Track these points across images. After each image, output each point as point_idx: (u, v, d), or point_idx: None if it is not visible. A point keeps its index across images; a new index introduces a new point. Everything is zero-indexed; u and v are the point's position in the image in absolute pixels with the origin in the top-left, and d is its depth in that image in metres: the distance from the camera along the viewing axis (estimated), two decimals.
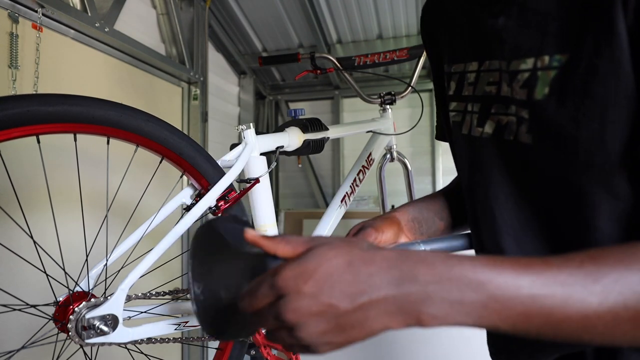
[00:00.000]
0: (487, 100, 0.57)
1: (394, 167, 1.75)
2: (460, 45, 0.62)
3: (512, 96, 0.52)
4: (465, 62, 0.61)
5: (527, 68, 0.49)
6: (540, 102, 0.48)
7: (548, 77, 0.47)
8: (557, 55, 0.47)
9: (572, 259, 0.38)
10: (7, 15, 1.18)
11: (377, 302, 0.37)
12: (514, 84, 0.51)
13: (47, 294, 0.78)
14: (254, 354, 1.12)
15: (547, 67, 0.47)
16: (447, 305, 0.37)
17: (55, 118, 0.72)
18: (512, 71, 0.52)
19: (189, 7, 2.01)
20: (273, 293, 0.39)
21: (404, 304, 0.37)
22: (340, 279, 0.38)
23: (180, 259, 1.92)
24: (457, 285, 0.37)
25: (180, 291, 0.93)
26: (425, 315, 0.37)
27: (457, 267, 0.38)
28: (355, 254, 0.39)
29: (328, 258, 0.39)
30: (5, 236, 0.86)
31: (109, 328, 0.78)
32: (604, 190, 0.46)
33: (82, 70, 1.45)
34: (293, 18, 2.27)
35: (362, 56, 1.58)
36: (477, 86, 0.58)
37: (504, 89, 0.54)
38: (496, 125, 0.55)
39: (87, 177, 1.22)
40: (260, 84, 2.86)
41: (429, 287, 0.37)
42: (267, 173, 1.11)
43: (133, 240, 0.89)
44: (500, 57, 0.54)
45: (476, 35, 0.58)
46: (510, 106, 0.53)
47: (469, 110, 0.61)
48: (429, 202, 0.73)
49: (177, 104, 2.00)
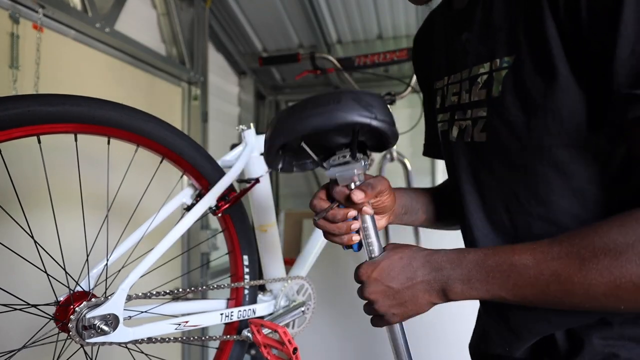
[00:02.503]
0: (452, 109, 0.67)
1: (394, 167, 1.75)
2: (440, 63, 0.73)
3: (470, 101, 0.62)
4: (441, 78, 0.72)
5: (484, 71, 0.59)
6: (496, 98, 0.57)
7: (500, 76, 0.56)
8: (506, 57, 0.55)
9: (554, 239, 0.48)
10: (7, 15, 1.18)
11: (418, 284, 0.56)
12: (474, 87, 0.61)
13: (48, 294, 0.78)
14: (254, 353, 1.13)
15: (499, 68, 0.56)
16: (461, 283, 0.53)
17: (55, 118, 0.73)
18: (472, 76, 0.61)
19: (189, 8, 2.01)
20: (358, 280, 0.60)
21: (434, 285, 0.55)
22: (395, 269, 0.57)
23: (180, 259, 1.92)
24: (467, 269, 0.53)
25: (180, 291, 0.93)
26: (449, 292, 0.54)
27: (467, 257, 0.54)
28: (406, 252, 0.59)
29: (389, 256, 0.59)
30: (6, 236, 0.87)
31: (109, 328, 0.78)
32: (554, 169, 0.54)
33: (82, 70, 1.46)
34: (293, 18, 2.27)
35: (362, 56, 1.58)
36: (447, 98, 0.69)
37: (462, 97, 0.64)
38: (458, 130, 0.65)
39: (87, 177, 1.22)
40: (260, 84, 2.86)
41: (449, 272, 0.54)
42: (267, 173, 1.11)
43: (133, 240, 0.89)
44: (464, 67, 0.64)
45: (450, 52, 0.69)
46: (467, 111, 0.63)
47: (447, 120, 0.70)
48: (419, 195, 0.82)
49: (178, 104, 2.00)
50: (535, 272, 0.48)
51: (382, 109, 0.53)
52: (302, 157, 0.63)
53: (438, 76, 0.74)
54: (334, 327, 2.05)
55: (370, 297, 0.58)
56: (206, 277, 2.05)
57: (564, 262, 0.46)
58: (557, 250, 0.47)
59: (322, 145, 0.60)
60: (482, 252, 0.53)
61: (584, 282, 0.45)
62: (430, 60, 0.79)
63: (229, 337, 1.03)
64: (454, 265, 0.54)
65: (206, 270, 2.05)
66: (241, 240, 1.08)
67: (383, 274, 0.57)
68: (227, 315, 0.99)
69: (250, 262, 1.09)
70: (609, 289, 0.44)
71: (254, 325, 0.97)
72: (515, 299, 0.50)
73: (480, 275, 0.52)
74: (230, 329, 1.07)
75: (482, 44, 0.60)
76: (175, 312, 0.95)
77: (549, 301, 0.49)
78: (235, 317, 1.01)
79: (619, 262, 0.43)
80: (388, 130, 0.53)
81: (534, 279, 0.48)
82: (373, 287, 0.58)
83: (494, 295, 0.51)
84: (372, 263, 0.59)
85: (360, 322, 2.00)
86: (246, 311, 1.04)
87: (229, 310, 0.99)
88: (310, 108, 0.52)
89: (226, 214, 1.04)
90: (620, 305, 0.45)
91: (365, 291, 0.59)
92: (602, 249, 0.44)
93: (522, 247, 0.50)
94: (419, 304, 0.57)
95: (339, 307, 2.04)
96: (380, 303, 0.58)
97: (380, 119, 0.52)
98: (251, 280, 1.08)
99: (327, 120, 0.51)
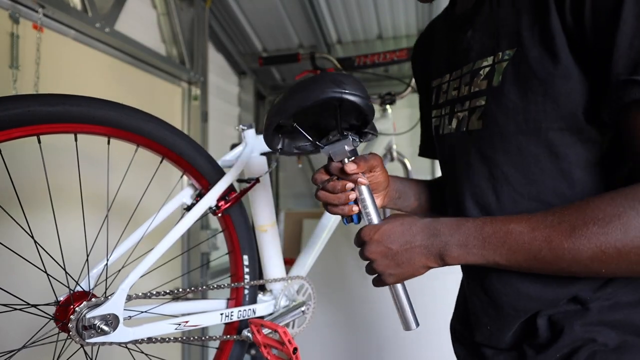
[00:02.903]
0: (452, 102, 0.71)
1: (394, 167, 1.75)
2: (440, 63, 0.77)
3: (469, 93, 0.66)
4: (441, 76, 0.76)
5: (487, 64, 0.63)
6: (496, 88, 0.61)
7: (501, 68, 0.60)
8: (507, 50, 0.60)
9: (550, 210, 0.53)
10: (7, 15, 1.18)
11: (416, 247, 0.60)
12: (475, 79, 0.64)
13: (48, 294, 0.78)
14: (254, 353, 1.13)
15: (501, 60, 0.61)
16: (458, 248, 0.58)
17: (55, 118, 0.73)
18: (475, 70, 0.65)
19: (189, 8, 2.01)
20: (360, 241, 0.65)
21: (431, 249, 0.60)
22: (395, 232, 0.62)
23: (180, 259, 1.92)
24: (464, 235, 0.57)
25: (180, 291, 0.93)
26: (446, 256, 0.59)
27: (465, 224, 0.58)
28: (406, 219, 0.63)
29: (390, 221, 0.63)
30: (6, 236, 0.87)
31: (109, 328, 0.78)
32: (547, 151, 0.58)
33: (82, 70, 1.46)
34: (293, 18, 2.27)
35: (362, 56, 1.58)
36: (448, 93, 0.73)
37: (462, 90, 0.68)
38: (457, 122, 0.69)
39: (87, 177, 1.22)
40: (260, 84, 2.86)
41: (447, 238, 0.59)
42: (267, 173, 1.11)
43: (133, 240, 0.89)
44: (467, 62, 0.68)
45: (451, 52, 0.73)
46: (465, 102, 0.67)
47: (443, 114, 0.74)
48: (413, 183, 0.89)
49: (178, 104, 2.00)
50: (529, 238, 0.52)
51: (354, 84, 0.60)
52: (300, 140, 0.71)
53: (437, 74, 0.78)
54: (334, 327, 2.05)
55: (370, 256, 0.63)
56: (206, 277, 2.05)
57: (556, 230, 0.51)
58: (550, 219, 0.52)
59: (318, 128, 0.68)
60: (479, 221, 0.57)
61: (572, 247, 0.49)
62: (429, 62, 0.83)
63: (229, 337, 1.03)
64: (452, 231, 0.58)
65: (206, 270, 2.05)
66: (241, 240, 1.08)
67: (384, 236, 0.62)
68: (227, 315, 0.99)
69: (250, 262, 1.09)
70: (595, 254, 0.49)
71: (254, 325, 0.97)
72: (508, 264, 0.55)
73: (477, 241, 0.56)
74: (230, 329, 1.07)
75: (486, 39, 0.64)
76: (175, 312, 0.95)
77: (538, 266, 0.53)
78: (235, 317, 1.01)
79: (606, 229, 0.48)
80: (361, 103, 0.60)
81: (528, 244, 0.52)
82: (374, 247, 0.63)
83: (488, 260, 0.56)
84: (375, 226, 0.64)
85: (361, 322, 2.00)
86: (246, 311, 1.04)
87: (229, 310, 0.99)
88: (295, 90, 0.62)
89: (226, 214, 1.04)
90: (602, 269, 0.50)
91: (366, 250, 0.63)
92: (592, 218, 0.49)
93: (518, 217, 0.55)
94: (415, 266, 0.61)
95: (339, 307, 2.04)
96: (378, 262, 0.63)
97: (352, 93, 0.59)
98: (251, 280, 1.08)
99: (307, 97, 0.60)
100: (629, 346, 0.56)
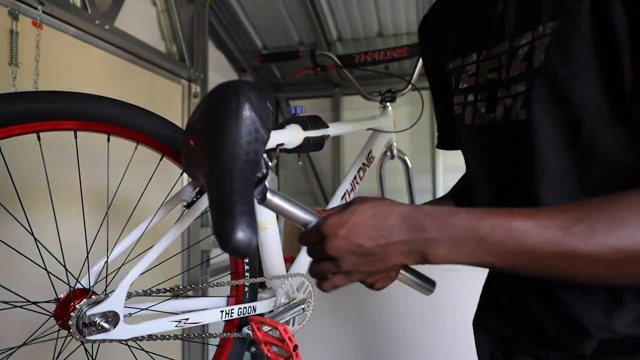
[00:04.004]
0: (492, 86, 0.60)
1: (394, 165, 1.75)
2: (462, 41, 0.66)
3: (508, 77, 0.56)
4: (463, 56, 0.66)
5: (526, 42, 0.53)
6: (538, 68, 0.51)
7: (543, 44, 0.51)
8: (549, 23, 0.50)
9: (562, 206, 0.45)
10: (7, 12, 1.17)
11: (393, 244, 0.49)
12: (513, 61, 0.55)
13: (48, 291, 0.78)
14: (254, 351, 1.13)
15: (542, 35, 0.51)
16: (447, 246, 0.47)
17: (55, 115, 0.72)
18: (514, 48, 0.55)
19: (189, 5, 2.01)
20: (319, 234, 0.53)
21: (412, 246, 0.49)
22: (366, 226, 0.50)
23: (180, 256, 1.92)
24: (454, 231, 0.47)
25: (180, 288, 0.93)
26: (429, 255, 0.48)
27: (455, 217, 0.48)
28: (379, 207, 0.51)
29: (359, 211, 0.51)
30: (6, 233, 0.86)
31: (109, 325, 0.78)
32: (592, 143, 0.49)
33: (82, 67, 1.45)
34: (293, 15, 2.27)
35: (363, 53, 1.58)
36: (479, 75, 0.62)
37: (503, 75, 0.58)
38: (504, 110, 0.58)
39: (87, 175, 1.22)
40: (260, 82, 2.85)
41: (433, 234, 0.48)
42: None
43: (134, 237, 0.89)
44: (501, 40, 0.58)
45: (477, 27, 0.63)
46: (510, 87, 0.56)
47: (469, 101, 0.64)
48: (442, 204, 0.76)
49: (178, 101, 1.99)
50: (538, 239, 0.43)
51: None
52: None
53: (457, 54, 0.67)
54: (334, 324, 2.05)
55: (333, 253, 0.51)
56: (206, 275, 2.05)
57: (571, 232, 0.42)
58: (564, 218, 0.43)
59: None
60: (474, 214, 0.47)
61: (590, 254, 0.41)
62: (444, 41, 0.72)
63: (229, 334, 1.03)
64: (440, 226, 0.48)
65: (206, 267, 2.05)
66: None
67: (353, 231, 0.50)
68: (227, 312, 0.99)
69: (251, 260, 1.09)
70: (615, 262, 0.41)
71: (254, 323, 0.97)
72: (504, 266, 0.46)
73: (470, 240, 0.46)
74: (231, 327, 1.07)
75: (523, 10, 0.54)
76: (175, 309, 0.95)
77: (540, 271, 0.45)
78: (236, 314, 1.01)
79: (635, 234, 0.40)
80: None
81: (534, 246, 0.43)
82: (339, 243, 0.51)
83: (479, 261, 0.47)
84: (340, 218, 0.51)
85: (361, 320, 2.00)
86: (246, 309, 1.04)
87: (229, 308, 0.99)
88: None
89: None
90: (616, 279, 0.43)
91: (328, 247, 0.51)
92: (619, 220, 0.41)
93: (523, 212, 0.45)
94: (390, 264, 0.51)
95: (339, 304, 2.04)
96: (347, 260, 0.51)
97: None
98: (251, 278, 1.08)
99: None
100: None
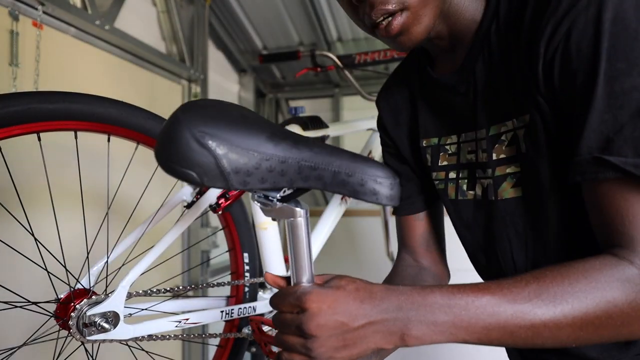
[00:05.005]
0: (471, 167, 0.65)
1: None
2: (433, 123, 0.70)
3: (492, 160, 0.60)
4: (440, 136, 0.69)
5: (508, 129, 0.58)
6: (524, 155, 0.56)
7: (521, 134, 0.56)
8: (521, 116, 0.55)
9: (520, 279, 0.47)
10: (7, 12, 1.17)
11: (373, 324, 0.47)
12: (497, 145, 0.59)
13: (49, 291, 0.78)
14: (254, 351, 1.13)
15: (518, 127, 0.56)
16: (424, 326, 0.47)
17: (55, 115, 0.73)
18: (492, 135, 0.60)
19: (189, 5, 2.01)
20: (299, 306, 0.48)
21: (390, 326, 0.47)
22: (350, 302, 0.48)
23: (180, 257, 1.92)
24: (431, 310, 0.47)
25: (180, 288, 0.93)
26: (407, 336, 0.47)
27: (430, 296, 0.48)
28: (362, 285, 0.50)
29: (342, 286, 0.49)
30: (6, 233, 0.87)
31: (110, 325, 0.78)
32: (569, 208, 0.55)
33: (82, 68, 1.45)
34: (293, 16, 2.27)
35: (363, 54, 1.57)
36: (460, 156, 0.67)
37: (480, 156, 0.62)
38: (482, 189, 0.64)
39: (87, 175, 1.22)
40: (260, 82, 2.85)
41: (410, 313, 0.47)
42: None
43: (134, 237, 0.89)
44: (475, 127, 0.62)
45: (447, 113, 0.67)
46: (487, 170, 0.61)
47: (451, 178, 0.69)
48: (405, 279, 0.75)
49: (178, 101, 1.99)
50: (509, 314, 0.46)
51: None
52: None
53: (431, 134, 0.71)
54: None
55: (315, 331, 0.47)
56: (206, 275, 2.05)
57: (535, 304, 0.45)
58: (527, 291, 0.46)
59: None
60: (447, 290, 0.48)
61: (555, 324, 0.45)
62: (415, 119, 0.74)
63: (230, 334, 1.03)
64: (417, 304, 0.47)
65: (206, 268, 2.05)
66: (241, 238, 1.08)
67: (338, 306, 0.47)
68: (227, 312, 0.99)
69: (251, 260, 1.09)
70: (575, 328, 0.45)
71: (255, 323, 0.97)
72: (478, 341, 0.48)
73: (446, 317, 0.46)
74: (231, 327, 1.07)
75: (495, 102, 0.59)
76: (175, 309, 0.95)
77: (512, 342, 0.47)
78: (236, 314, 1.01)
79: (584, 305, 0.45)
80: None
81: (506, 320, 0.46)
82: (323, 319, 0.47)
83: (457, 339, 0.47)
84: (325, 291, 0.49)
85: None
86: (246, 309, 1.04)
87: (229, 308, 0.99)
88: None
89: (226, 212, 1.04)
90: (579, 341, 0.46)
91: (309, 323, 0.47)
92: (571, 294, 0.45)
93: (489, 287, 0.47)
94: (366, 348, 0.48)
95: None
96: (322, 341, 0.47)
97: None
98: (251, 278, 1.08)
99: None
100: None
